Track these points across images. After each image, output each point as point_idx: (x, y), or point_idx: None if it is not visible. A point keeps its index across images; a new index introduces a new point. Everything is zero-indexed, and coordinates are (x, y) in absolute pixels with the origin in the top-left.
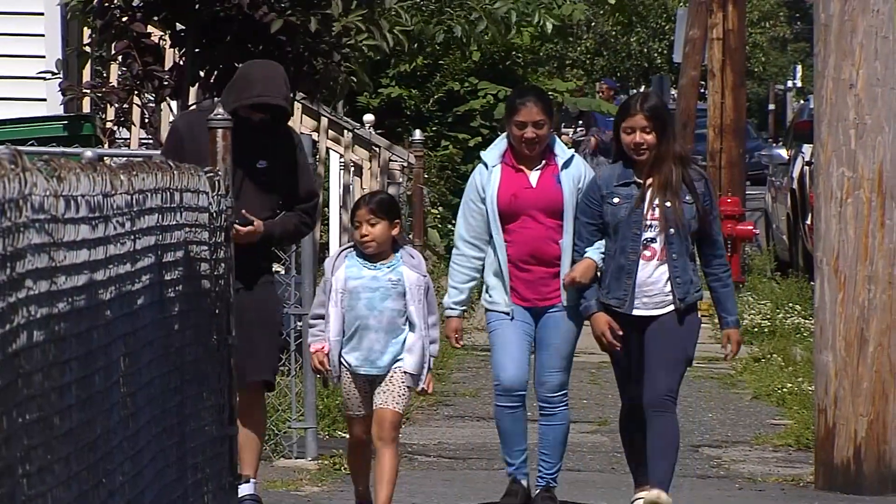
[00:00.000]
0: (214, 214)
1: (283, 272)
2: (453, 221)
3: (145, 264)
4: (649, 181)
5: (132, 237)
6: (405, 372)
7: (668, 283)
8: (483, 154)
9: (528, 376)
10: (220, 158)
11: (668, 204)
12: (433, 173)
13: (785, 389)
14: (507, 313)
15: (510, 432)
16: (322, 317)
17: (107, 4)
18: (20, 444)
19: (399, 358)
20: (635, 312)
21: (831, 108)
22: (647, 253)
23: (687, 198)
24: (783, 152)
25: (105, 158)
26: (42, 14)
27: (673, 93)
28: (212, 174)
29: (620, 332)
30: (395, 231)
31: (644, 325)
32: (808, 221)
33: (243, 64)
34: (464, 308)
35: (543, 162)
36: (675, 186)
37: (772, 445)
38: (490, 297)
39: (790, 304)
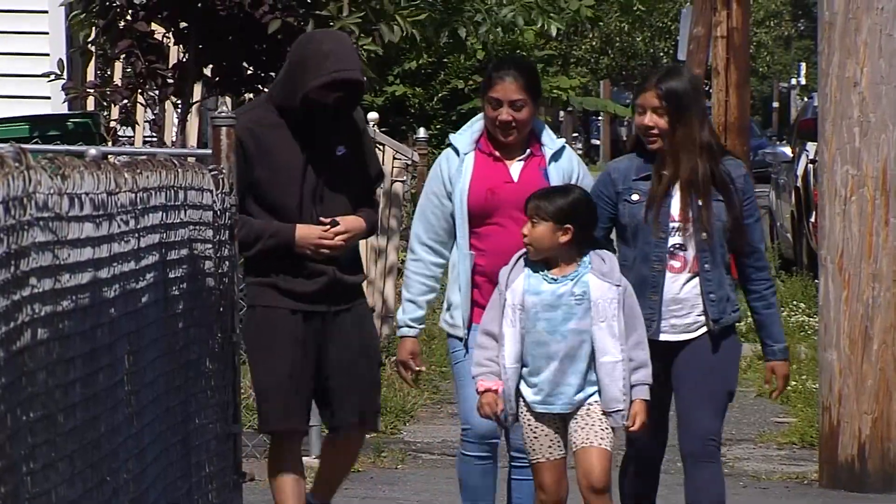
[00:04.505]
0: (218, 212)
1: None
2: None
3: (149, 262)
4: (666, 174)
5: (136, 235)
6: (601, 407)
7: (701, 299)
8: (453, 137)
9: None
10: (224, 156)
11: (700, 202)
12: None
13: (789, 387)
14: (461, 339)
15: (478, 489)
16: (491, 335)
17: (109, 3)
18: (24, 441)
19: (591, 393)
20: (662, 337)
21: (835, 106)
22: (676, 263)
23: (718, 196)
24: (787, 150)
25: (109, 156)
26: (46, 12)
27: None
28: (216, 172)
29: None
30: (563, 238)
31: (670, 354)
32: (813, 219)
33: (303, 38)
34: (423, 326)
35: (528, 151)
36: (701, 182)
37: (776, 443)
38: (451, 318)
39: (794, 302)
